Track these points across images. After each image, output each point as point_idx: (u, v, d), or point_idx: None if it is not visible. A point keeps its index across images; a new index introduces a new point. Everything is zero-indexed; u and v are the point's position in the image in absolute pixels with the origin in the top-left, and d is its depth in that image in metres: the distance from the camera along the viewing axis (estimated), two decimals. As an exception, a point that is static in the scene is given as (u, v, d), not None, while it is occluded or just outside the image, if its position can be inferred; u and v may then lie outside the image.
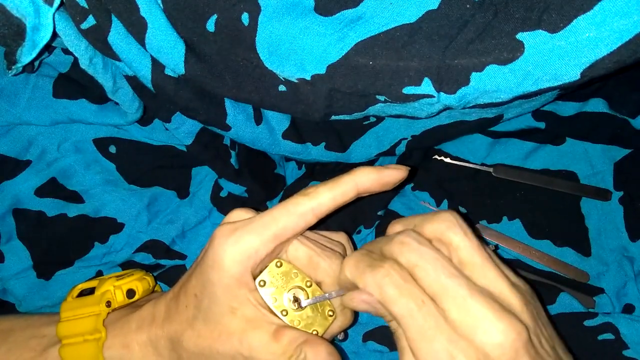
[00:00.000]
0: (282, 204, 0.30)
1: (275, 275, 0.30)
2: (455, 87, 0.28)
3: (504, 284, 0.26)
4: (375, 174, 0.30)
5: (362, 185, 0.30)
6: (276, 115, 0.37)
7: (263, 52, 0.29)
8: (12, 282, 0.39)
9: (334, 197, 0.29)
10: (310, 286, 0.31)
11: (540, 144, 0.43)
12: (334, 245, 0.33)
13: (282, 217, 0.29)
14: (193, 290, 0.30)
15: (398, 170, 0.30)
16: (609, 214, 0.42)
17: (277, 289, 0.30)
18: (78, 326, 0.32)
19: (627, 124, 0.41)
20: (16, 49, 0.30)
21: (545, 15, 0.25)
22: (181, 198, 0.42)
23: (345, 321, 0.32)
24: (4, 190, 0.38)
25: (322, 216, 0.30)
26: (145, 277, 0.37)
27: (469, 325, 0.24)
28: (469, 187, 0.44)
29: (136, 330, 0.32)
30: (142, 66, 0.32)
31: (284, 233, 0.29)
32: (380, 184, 0.30)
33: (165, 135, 0.40)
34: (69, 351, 0.32)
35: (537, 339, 0.25)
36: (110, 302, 0.34)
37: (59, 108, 0.37)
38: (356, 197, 0.30)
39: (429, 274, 0.25)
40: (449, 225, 0.27)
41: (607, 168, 0.43)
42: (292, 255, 0.31)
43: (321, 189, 0.29)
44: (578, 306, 0.38)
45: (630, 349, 0.35)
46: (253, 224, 0.29)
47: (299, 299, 0.30)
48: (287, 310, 0.30)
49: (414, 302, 0.24)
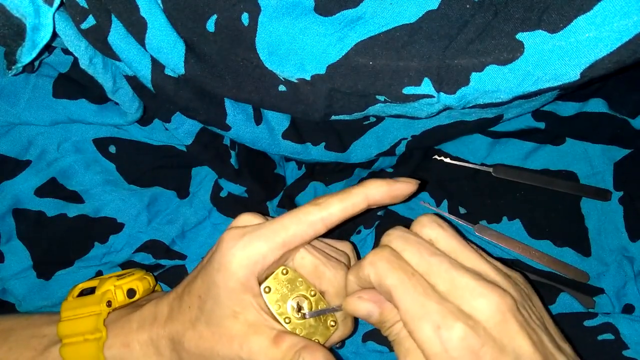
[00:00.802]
0: (293, 212, 0.30)
1: (280, 283, 0.30)
2: (455, 87, 0.28)
3: (486, 265, 0.27)
4: (387, 187, 0.30)
5: (372, 198, 0.30)
6: (276, 115, 0.37)
7: (263, 52, 0.29)
8: (12, 282, 0.39)
9: (344, 208, 0.30)
10: (314, 295, 0.31)
11: (540, 144, 0.43)
12: (339, 255, 0.34)
13: (292, 225, 0.29)
14: (197, 291, 0.30)
15: (408, 184, 0.31)
16: (609, 214, 0.42)
17: (282, 296, 0.30)
18: (79, 326, 0.32)
19: (627, 124, 0.41)
20: (16, 49, 0.30)
21: (545, 16, 0.25)
22: (181, 198, 0.42)
23: (346, 331, 0.33)
24: (4, 190, 0.38)
25: (331, 226, 0.30)
26: (146, 277, 0.37)
27: (456, 295, 0.25)
28: (469, 187, 0.44)
29: (137, 330, 0.32)
30: (142, 66, 0.32)
31: (293, 241, 0.29)
32: (391, 197, 0.30)
33: (165, 135, 0.40)
34: (69, 350, 0.32)
35: (526, 312, 0.26)
36: (111, 301, 0.34)
37: (58, 108, 0.37)
38: (366, 209, 0.30)
39: (415, 254, 0.27)
40: (424, 223, 0.29)
41: (607, 168, 0.43)
42: (298, 263, 0.31)
43: (332, 199, 0.30)
44: (578, 306, 0.38)
45: (630, 349, 0.35)
46: (263, 229, 0.29)
47: (303, 308, 0.31)
48: (290, 317, 0.30)
49: (404, 273, 0.26)
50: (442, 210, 0.43)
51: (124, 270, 0.38)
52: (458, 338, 0.24)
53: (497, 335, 0.24)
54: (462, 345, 0.24)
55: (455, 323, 0.24)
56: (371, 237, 0.42)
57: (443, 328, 0.24)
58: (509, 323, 0.25)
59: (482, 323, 0.25)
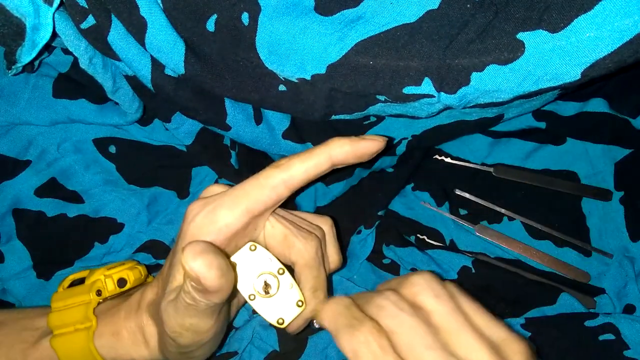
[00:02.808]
0: (254, 177, 0.29)
1: (248, 259, 0.30)
2: (456, 87, 0.27)
3: (483, 351, 0.24)
4: (350, 145, 0.29)
5: (336, 157, 0.29)
6: (276, 115, 0.37)
7: (263, 52, 0.29)
8: (12, 282, 0.39)
9: (306, 169, 0.28)
10: (282, 274, 0.30)
11: (541, 144, 0.43)
12: (312, 228, 0.32)
13: (254, 190, 0.28)
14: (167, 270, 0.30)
15: (374, 140, 0.29)
16: (610, 214, 0.42)
17: (248, 273, 0.30)
18: (69, 316, 0.32)
19: (628, 124, 0.41)
20: (16, 48, 0.30)
21: (546, 15, 0.25)
22: (181, 198, 0.42)
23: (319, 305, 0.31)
24: (4, 191, 0.38)
25: (295, 189, 0.29)
26: (137, 267, 0.36)
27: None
28: (469, 187, 0.44)
29: (125, 318, 0.32)
30: (142, 66, 0.31)
31: (255, 206, 0.28)
32: (356, 156, 0.29)
33: (165, 135, 0.40)
34: (60, 341, 0.31)
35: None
36: (101, 290, 0.33)
37: (58, 108, 0.37)
38: (330, 169, 0.29)
39: (406, 343, 0.24)
40: (419, 290, 0.26)
41: (607, 168, 0.43)
42: (268, 232, 0.30)
43: (293, 160, 0.29)
44: (579, 306, 0.38)
45: (631, 350, 0.34)
46: (224, 197, 0.28)
47: (270, 286, 0.30)
48: (254, 295, 0.30)
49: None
50: (443, 211, 0.43)
51: (115, 263, 0.37)
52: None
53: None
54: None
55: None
56: (371, 237, 0.42)
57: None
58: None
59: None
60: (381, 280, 0.42)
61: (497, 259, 0.42)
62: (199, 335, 0.28)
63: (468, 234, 0.43)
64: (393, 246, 0.42)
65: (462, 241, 0.43)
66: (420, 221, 0.44)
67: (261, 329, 0.38)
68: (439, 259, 0.41)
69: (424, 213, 0.44)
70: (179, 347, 0.29)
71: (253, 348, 0.38)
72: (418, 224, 0.44)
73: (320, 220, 0.34)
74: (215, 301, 0.26)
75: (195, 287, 0.25)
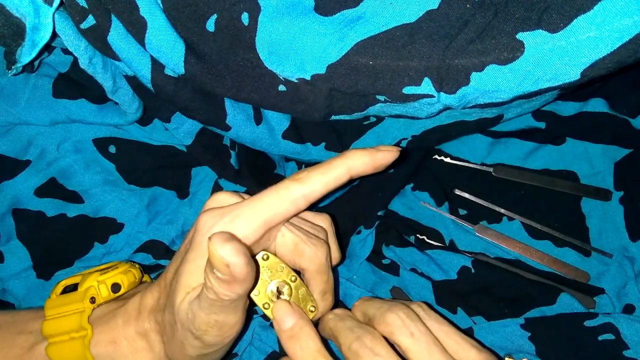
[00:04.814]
0: (272, 189, 0.29)
1: (260, 268, 0.30)
2: (456, 87, 0.27)
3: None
4: (368, 157, 0.29)
5: (354, 169, 0.29)
6: (276, 115, 0.37)
7: (263, 52, 0.29)
8: (12, 282, 0.39)
9: (326, 183, 0.28)
10: (294, 281, 0.30)
11: (541, 144, 0.43)
12: (317, 231, 0.32)
13: (273, 202, 0.28)
14: None
15: (390, 152, 0.29)
16: (610, 214, 0.42)
17: (261, 282, 0.30)
18: (63, 324, 0.32)
19: (628, 123, 0.41)
20: (16, 48, 0.30)
21: (546, 15, 0.25)
22: (181, 198, 0.42)
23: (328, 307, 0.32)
24: (4, 190, 0.38)
25: (313, 202, 0.29)
26: (131, 270, 0.35)
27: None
28: (469, 187, 0.44)
29: (123, 326, 0.31)
30: (142, 66, 0.31)
31: (274, 219, 0.28)
32: (374, 167, 0.29)
33: (165, 135, 0.40)
34: (55, 350, 0.31)
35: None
36: (95, 297, 0.33)
37: (58, 108, 0.37)
38: (349, 181, 0.29)
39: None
40: (394, 330, 0.28)
41: (607, 168, 0.43)
42: (279, 240, 0.30)
43: (313, 173, 0.28)
44: (578, 306, 0.38)
45: (631, 350, 0.34)
46: (242, 208, 0.28)
47: (283, 293, 0.30)
48: (269, 303, 0.30)
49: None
50: (443, 211, 0.43)
51: (108, 264, 0.37)
52: None
53: None
54: None
55: None
56: (371, 237, 0.42)
57: None
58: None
59: None
60: (381, 280, 0.42)
61: (497, 259, 0.42)
62: (225, 332, 0.28)
63: (468, 234, 0.43)
64: (393, 246, 0.42)
65: (462, 241, 0.43)
66: (419, 221, 0.44)
67: (261, 329, 0.38)
68: (439, 259, 0.41)
69: (424, 213, 0.44)
70: (203, 346, 0.29)
71: (253, 349, 0.38)
72: (418, 224, 0.44)
73: (319, 218, 0.34)
74: (239, 292, 0.25)
75: (221, 277, 0.24)
